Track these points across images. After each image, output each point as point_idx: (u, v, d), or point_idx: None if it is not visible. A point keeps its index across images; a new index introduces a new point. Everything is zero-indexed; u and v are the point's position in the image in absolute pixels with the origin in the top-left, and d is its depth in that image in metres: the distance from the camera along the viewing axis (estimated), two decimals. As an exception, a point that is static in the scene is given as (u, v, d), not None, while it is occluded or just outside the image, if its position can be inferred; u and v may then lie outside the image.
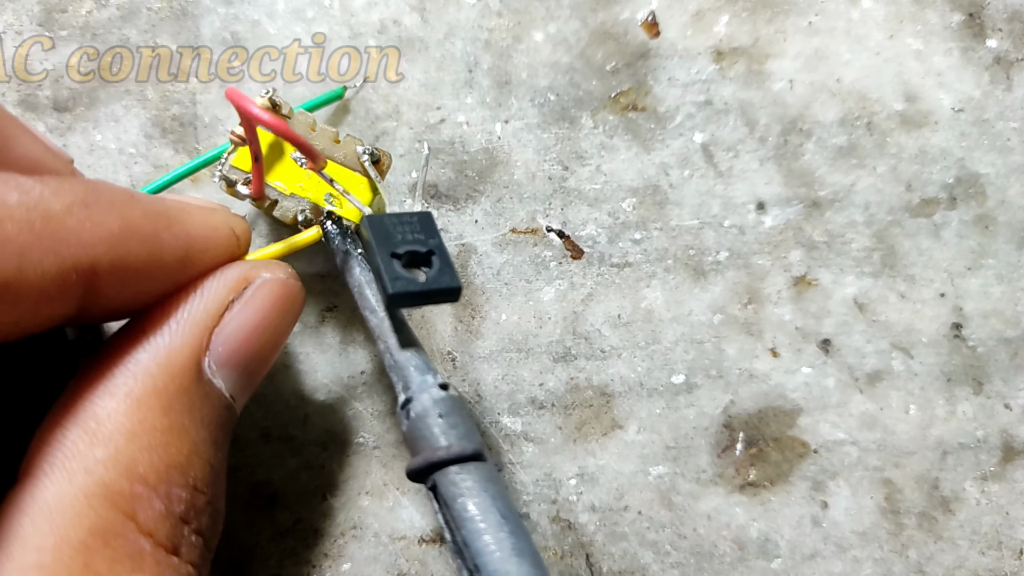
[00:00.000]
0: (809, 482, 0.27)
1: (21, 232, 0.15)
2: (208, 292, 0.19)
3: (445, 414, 0.19)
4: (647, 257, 0.27)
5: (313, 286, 0.26)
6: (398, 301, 0.19)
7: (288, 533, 0.26)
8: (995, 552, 0.27)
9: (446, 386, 0.20)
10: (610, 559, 0.26)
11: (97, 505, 0.15)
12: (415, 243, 0.20)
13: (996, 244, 0.27)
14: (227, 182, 0.22)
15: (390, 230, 0.20)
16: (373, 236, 0.20)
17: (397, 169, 0.26)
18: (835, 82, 0.27)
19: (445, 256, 0.20)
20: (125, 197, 0.17)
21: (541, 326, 0.26)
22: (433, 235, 0.21)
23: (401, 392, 0.20)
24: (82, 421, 0.16)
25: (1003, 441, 0.27)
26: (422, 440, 0.19)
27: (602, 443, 0.26)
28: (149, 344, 0.18)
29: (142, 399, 0.17)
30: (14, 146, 0.18)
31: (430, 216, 0.21)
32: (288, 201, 0.23)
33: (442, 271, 0.20)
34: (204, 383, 0.18)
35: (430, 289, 0.20)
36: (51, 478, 0.16)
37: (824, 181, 0.27)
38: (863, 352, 0.27)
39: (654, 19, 0.27)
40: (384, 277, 0.19)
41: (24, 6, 0.26)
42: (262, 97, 0.22)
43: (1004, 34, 0.27)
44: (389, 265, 0.20)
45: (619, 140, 0.27)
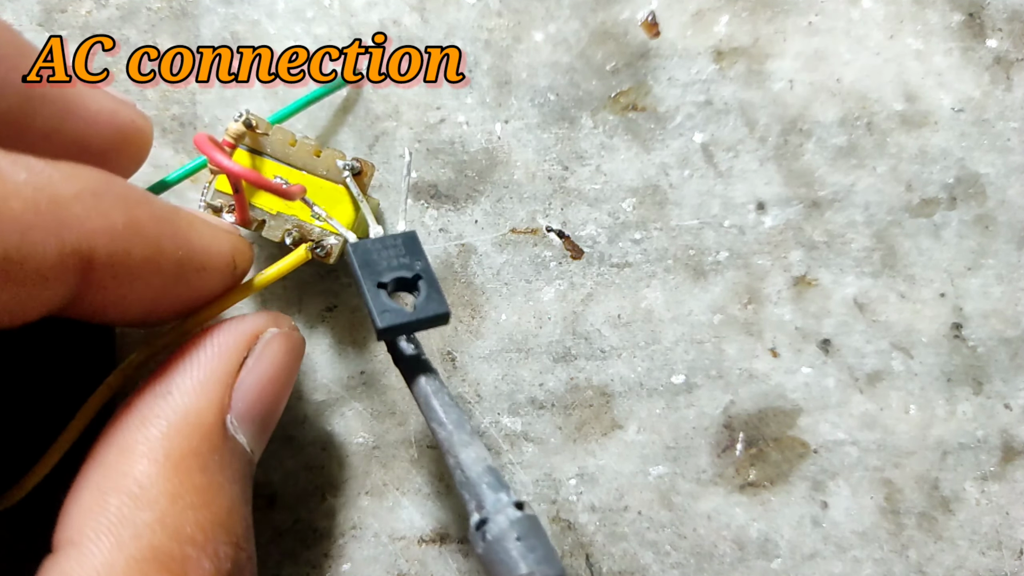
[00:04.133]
0: (809, 482, 0.27)
1: (26, 211, 0.15)
2: (224, 349, 0.19)
3: (523, 536, 0.18)
4: (647, 257, 0.27)
5: (313, 286, 0.26)
6: (388, 334, 0.20)
7: (288, 533, 0.26)
8: (995, 552, 0.27)
9: (522, 505, 0.19)
10: (610, 559, 0.26)
11: (149, 570, 0.15)
12: (401, 268, 0.20)
13: (996, 244, 0.27)
14: (212, 209, 0.22)
15: (375, 257, 0.20)
16: (358, 267, 0.20)
17: (396, 169, 0.26)
18: (835, 82, 0.27)
19: (432, 280, 0.20)
20: (137, 195, 0.17)
21: (541, 326, 0.26)
22: (419, 257, 0.21)
23: (474, 511, 0.19)
24: (123, 486, 0.16)
25: (1003, 441, 0.27)
26: (501, 565, 0.18)
27: (602, 443, 0.26)
28: (177, 404, 0.18)
29: (180, 461, 0.17)
30: (88, 102, 0.18)
31: (414, 236, 0.21)
32: (275, 221, 0.23)
33: (429, 297, 0.20)
34: (230, 440, 0.18)
35: (419, 318, 0.20)
36: (98, 545, 0.16)
37: (824, 181, 0.27)
38: (863, 352, 0.27)
39: (654, 19, 0.27)
40: (372, 311, 0.19)
41: (24, 6, 0.26)
42: (236, 121, 0.22)
43: (1004, 34, 0.27)
44: (376, 297, 0.20)
45: (619, 140, 0.27)
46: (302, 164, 0.23)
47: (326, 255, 0.23)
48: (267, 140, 0.23)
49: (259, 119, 0.22)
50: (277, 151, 0.23)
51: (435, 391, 0.20)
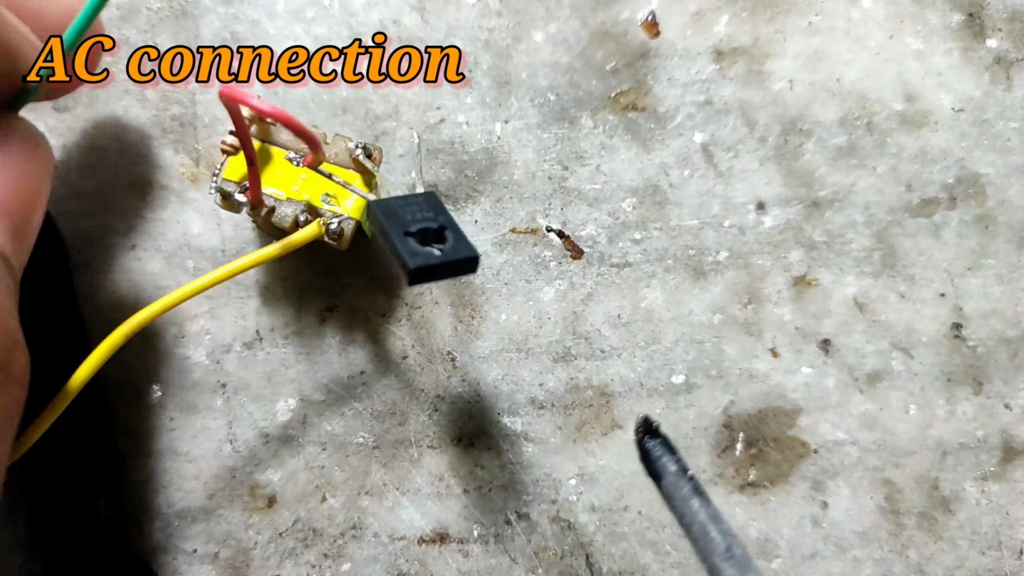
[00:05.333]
0: (809, 482, 0.27)
1: None
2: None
3: None
4: (647, 257, 0.27)
5: (313, 286, 0.26)
6: (419, 276, 0.19)
7: (288, 533, 0.26)
8: (995, 552, 0.27)
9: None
10: (610, 559, 0.26)
11: None
12: (425, 221, 0.20)
13: (996, 244, 0.27)
14: (222, 195, 0.22)
15: (398, 211, 0.20)
16: (383, 218, 0.20)
17: (397, 169, 0.26)
18: (835, 82, 0.27)
19: (457, 229, 0.20)
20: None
21: (541, 326, 0.26)
22: (441, 212, 0.20)
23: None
24: None
25: (1003, 441, 0.27)
26: None
27: (602, 443, 0.26)
28: None
29: None
30: None
31: (435, 195, 0.21)
32: (285, 206, 0.23)
33: (457, 243, 0.20)
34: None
35: (449, 260, 0.19)
36: None
37: (824, 181, 0.27)
38: (863, 352, 0.27)
39: (654, 19, 0.27)
40: (402, 254, 0.19)
41: (24, 6, 0.26)
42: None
43: (1004, 34, 0.27)
44: (404, 243, 0.19)
45: (619, 140, 0.27)
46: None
47: (339, 235, 0.22)
48: (276, 129, 0.23)
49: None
50: (286, 140, 0.23)
51: (712, 517, 0.17)
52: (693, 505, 0.18)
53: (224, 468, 0.26)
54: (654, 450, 0.19)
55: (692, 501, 0.18)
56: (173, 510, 0.25)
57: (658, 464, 0.19)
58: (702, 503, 0.17)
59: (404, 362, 0.26)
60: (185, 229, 0.26)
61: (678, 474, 0.18)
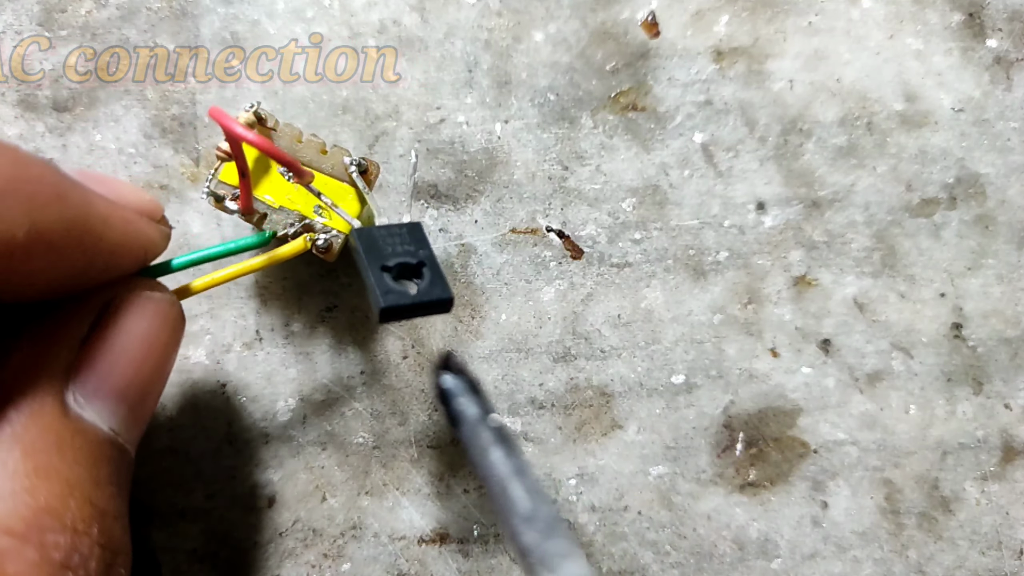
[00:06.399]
0: (809, 482, 0.27)
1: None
2: (60, 318, 0.17)
3: None
4: (647, 257, 0.27)
5: (313, 286, 0.26)
6: (390, 315, 0.19)
7: (288, 533, 0.26)
8: (995, 552, 0.27)
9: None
10: (610, 559, 0.26)
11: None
12: (405, 255, 0.20)
13: (996, 244, 0.27)
14: (215, 198, 0.22)
15: (379, 243, 0.20)
16: (363, 249, 0.20)
17: (396, 169, 0.26)
18: (835, 82, 0.27)
19: (436, 267, 0.20)
20: (47, 194, 0.15)
21: (541, 326, 0.26)
22: (423, 246, 0.20)
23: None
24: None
25: (1003, 441, 0.27)
26: None
27: (602, 443, 0.26)
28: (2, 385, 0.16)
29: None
30: (110, 233, 0.17)
31: (420, 227, 0.21)
32: (277, 214, 0.23)
33: (433, 283, 0.20)
34: (73, 419, 0.16)
35: (421, 301, 0.19)
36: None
37: (824, 181, 0.27)
38: (863, 352, 0.27)
39: (654, 19, 0.27)
40: (375, 291, 0.19)
41: (24, 6, 0.26)
42: (247, 111, 0.22)
43: (1004, 34, 0.27)
44: (380, 278, 0.19)
45: (619, 140, 0.27)
46: (308, 160, 0.23)
47: (327, 250, 0.22)
48: (275, 136, 0.23)
49: (268, 113, 0.23)
50: (284, 147, 0.23)
51: (517, 470, 0.15)
52: (492, 455, 0.15)
53: (224, 468, 0.26)
54: (452, 388, 0.17)
55: (492, 451, 0.15)
56: (173, 510, 0.25)
57: (454, 405, 0.16)
58: (505, 454, 0.15)
59: (404, 362, 0.26)
60: (185, 229, 0.26)
61: (478, 419, 0.16)
